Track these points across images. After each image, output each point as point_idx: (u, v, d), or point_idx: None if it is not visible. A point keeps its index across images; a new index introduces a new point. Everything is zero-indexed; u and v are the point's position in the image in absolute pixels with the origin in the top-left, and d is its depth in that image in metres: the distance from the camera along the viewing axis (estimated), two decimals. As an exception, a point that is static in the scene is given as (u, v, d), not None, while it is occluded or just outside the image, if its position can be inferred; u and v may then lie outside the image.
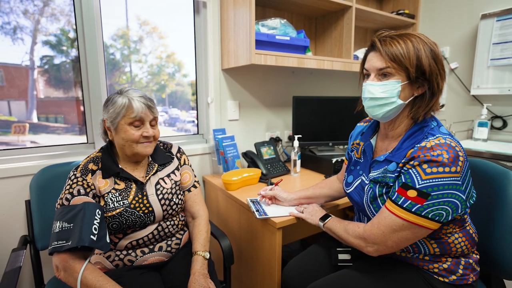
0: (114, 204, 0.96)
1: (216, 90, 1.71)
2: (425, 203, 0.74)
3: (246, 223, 1.31)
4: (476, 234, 0.92)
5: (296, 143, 1.65)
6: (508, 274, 0.94)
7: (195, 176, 1.21)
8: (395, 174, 0.82)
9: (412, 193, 0.76)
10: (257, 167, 1.59)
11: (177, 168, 1.15)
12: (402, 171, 0.80)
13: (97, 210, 0.89)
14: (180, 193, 1.12)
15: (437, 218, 0.75)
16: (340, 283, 0.89)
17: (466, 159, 0.78)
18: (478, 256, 0.91)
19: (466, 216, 0.88)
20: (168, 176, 1.11)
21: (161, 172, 1.10)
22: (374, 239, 0.82)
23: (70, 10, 1.35)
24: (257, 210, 1.17)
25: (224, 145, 1.59)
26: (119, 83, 1.56)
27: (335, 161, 1.62)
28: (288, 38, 1.58)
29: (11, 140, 1.33)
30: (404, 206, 0.76)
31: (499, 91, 1.82)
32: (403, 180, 0.78)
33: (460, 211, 0.78)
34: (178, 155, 1.18)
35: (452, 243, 0.85)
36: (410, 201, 0.76)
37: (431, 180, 0.74)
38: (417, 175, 0.76)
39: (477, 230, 0.94)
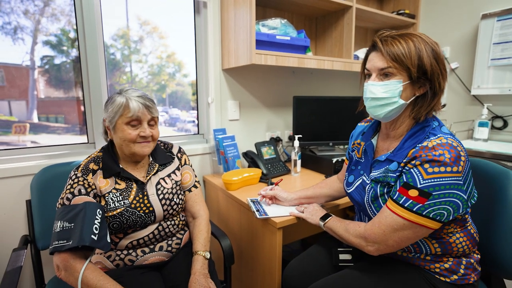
0: (115, 204, 0.96)
1: (217, 90, 1.71)
2: (426, 203, 0.74)
3: (247, 223, 1.31)
4: (477, 234, 0.92)
5: (297, 143, 1.65)
6: (509, 274, 0.94)
7: (196, 176, 1.21)
8: (397, 174, 0.82)
9: (414, 193, 0.75)
10: (258, 167, 1.59)
11: (178, 168, 1.15)
12: (404, 171, 0.80)
13: (98, 210, 0.89)
14: (181, 193, 1.12)
15: (438, 218, 0.75)
16: (341, 283, 0.88)
17: (468, 159, 0.78)
18: (479, 256, 0.91)
19: (467, 216, 0.87)
20: (169, 176, 1.11)
21: (162, 172, 1.10)
22: (375, 238, 0.82)
23: (71, 10, 1.35)
24: (258, 210, 1.17)
25: (225, 145, 1.59)
26: (120, 83, 1.56)
27: (336, 161, 1.63)
28: (289, 38, 1.58)
29: (12, 140, 1.33)
30: (405, 206, 0.76)
31: (500, 91, 1.82)
32: (405, 180, 0.78)
33: (461, 211, 0.78)
34: (179, 155, 1.18)
35: (454, 243, 0.85)
36: (412, 201, 0.76)
37: (433, 180, 0.74)
38: (419, 175, 0.76)
39: (478, 230, 0.94)
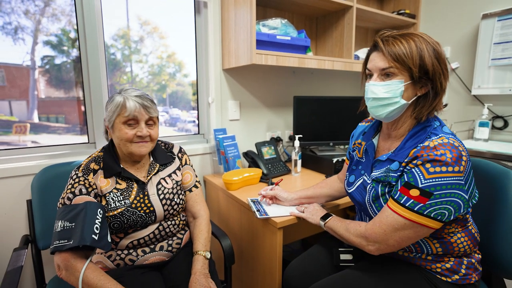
0: (116, 204, 0.96)
1: (217, 90, 1.71)
2: (428, 202, 0.74)
3: (247, 223, 1.31)
4: (478, 234, 0.91)
5: (297, 143, 1.65)
6: (509, 274, 0.94)
7: (196, 176, 1.21)
8: (398, 174, 0.82)
9: (415, 192, 0.75)
10: (258, 167, 1.59)
11: (179, 168, 1.15)
12: (405, 170, 0.80)
13: (99, 210, 0.89)
14: (181, 193, 1.12)
15: (440, 218, 0.75)
16: (342, 284, 0.88)
17: (469, 159, 0.78)
18: (480, 256, 0.91)
19: (468, 216, 0.87)
20: (170, 176, 1.11)
21: (163, 172, 1.10)
22: (376, 238, 0.82)
23: (71, 10, 1.36)
24: (258, 210, 1.17)
25: (225, 145, 1.60)
26: (120, 83, 1.56)
27: (336, 161, 1.63)
28: (289, 38, 1.58)
29: (12, 140, 1.33)
30: (407, 205, 0.76)
31: (500, 91, 1.82)
32: (406, 179, 0.78)
33: (462, 211, 0.77)
34: (180, 155, 1.18)
35: (455, 243, 0.85)
36: (413, 200, 0.76)
37: (434, 180, 0.74)
38: (420, 174, 0.75)
39: (478, 230, 0.94)
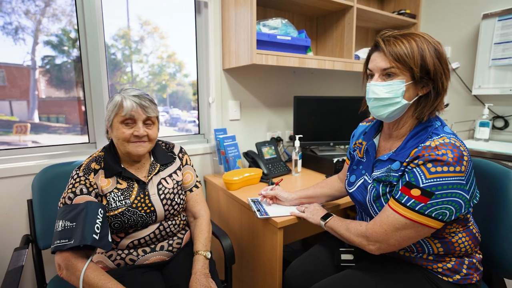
0: (116, 204, 0.96)
1: (217, 90, 1.71)
2: (429, 202, 0.74)
3: (247, 223, 1.31)
4: (479, 234, 0.91)
5: (297, 143, 1.65)
6: (510, 274, 0.94)
7: (197, 176, 1.21)
8: (399, 173, 0.82)
9: (416, 192, 0.75)
10: (258, 167, 1.59)
11: (179, 168, 1.15)
12: (406, 170, 0.80)
13: (100, 210, 0.89)
14: (182, 193, 1.12)
15: (441, 217, 0.75)
16: (343, 284, 0.88)
17: (470, 159, 0.78)
18: (481, 256, 0.91)
19: (469, 216, 0.87)
20: (170, 176, 1.11)
21: (163, 172, 1.10)
22: (377, 237, 0.82)
23: (72, 10, 1.36)
24: (258, 210, 1.17)
25: (225, 145, 1.60)
26: (120, 83, 1.56)
27: (336, 161, 1.63)
28: (289, 38, 1.58)
29: (13, 140, 1.33)
30: (408, 205, 0.76)
31: (501, 91, 1.82)
32: (407, 179, 0.78)
33: (464, 211, 0.77)
34: (180, 155, 1.18)
35: (456, 243, 0.85)
36: (414, 200, 0.76)
37: (435, 179, 0.74)
38: (421, 174, 0.75)
39: (479, 230, 0.94)
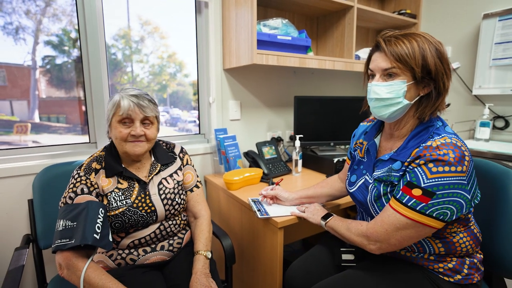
0: (117, 203, 0.96)
1: (218, 90, 1.71)
2: (430, 202, 0.74)
3: (248, 223, 1.31)
4: (480, 234, 0.91)
5: (298, 143, 1.65)
6: (511, 273, 0.94)
7: (198, 176, 1.21)
8: (400, 173, 0.82)
9: (417, 192, 0.75)
10: (259, 167, 1.59)
11: (180, 168, 1.15)
12: (407, 170, 0.80)
13: (100, 209, 0.89)
14: (183, 193, 1.12)
15: (442, 217, 0.75)
16: (344, 284, 0.88)
17: (472, 159, 0.78)
18: (482, 256, 0.91)
19: (470, 216, 0.87)
20: (171, 176, 1.11)
21: (164, 172, 1.10)
22: (377, 237, 0.82)
23: (72, 10, 1.36)
24: (259, 210, 1.17)
25: (226, 145, 1.60)
26: (121, 83, 1.56)
27: (337, 161, 1.63)
28: (290, 38, 1.58)
29: (13, 140, 1.33)
30: (409, 205, 0.76)
31: (501, 91, 1.82)
32: (408, 179, 0.78)
33: (465, 211, 0.77)
34: (181, 155, 1.18)
35: (457, 243, 0.84)
36: (415, 200, 0.75)
37: (437, 179, 0.73)
38: (423, 174, 0.75)
39: (480, 230, 0.94)
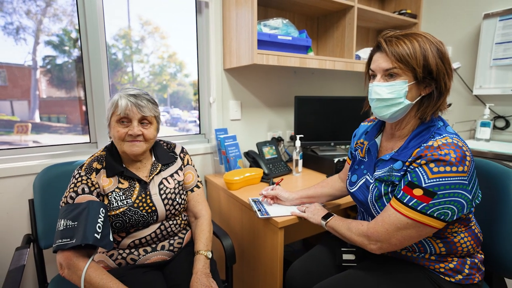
0: (118, 203, 0.96)
1: (218, 90, 1.71)
2: (431, 202, 0.74)
3: (248, 223, 1.31)
4: (481, 234, 0.91)
5: (298, 143, 1.65)
6: (511, 273, 0.94)
7: (198, 176, 1.21)
8: (401, 173, 0.82)
9: (418, 192, 0.75)
10: (259, 167, 1.59)
11: (181, 168, 1.15)
12: (408, 170, 0.80)
13: (101, 209, 0.90)
14: (183, 193, 1.12)
15: (443, 217, 0.75)
16: (345, 284, 0.88)
17: (473, 159, 0.78)
18: (483, 256, 0.91)
19: (471, 216, 0.87)
20: (172, 176, 1.11)
21: (165, 172, 1.10)
22: (378, 237, 0.82)
23: (73, 10, 1.36)
24: (259, 210, 1.17)
25: (226, 145, 1.60)
26: (121, 83, 1.56)
27: (337, 161, 1.62)
28: (290, 38, 1.58)
29: (14, 140, 1.33)
30: (410, 205, 0.76)
31: (502, 91, 1.82)
32: (409, 179, 0.78)
33: (466, 211, 0.77)
34: (182, 155, 1.18)
35: (458, 243, 0.84)
36: (416, 200, 0.75)
37: (438, 179, 0.73)
38: (424, 174, 0.75)
39: (481, 230, 0.94)
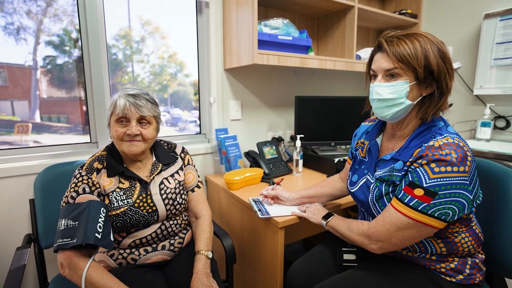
0: (119, 203, 0.96)
1: (219, 90, 1.71)
2: (432, 202, 0.74)
3: (249, 223, 1.31)
4: (482, 234, 0.91)
5: (298, 143, 1.65)
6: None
7: (199, 176, 1.21)
8: (402, 173, 0.82)
9: (419, 192, 0.75)
10: (259, 167, 1.59)
11: (181, 168, 1.15)
12: (409, 170, 0.80)
13: (102, 209, 0.90)
14: (184, 193, 1.12)
15: (443, 217, 0.75)
16: (346, 284, 0.88)
17: (474, 159, 0.78)
18: (484, 256, 0.91)
19: (472, 216, 0.87)
20: (172, 176, 1.11)
21: (165, 172, 1.10)
22: (379, 237, 0.82)
23: (73, 11, 1.36)
24: (260, 210, 1.17)
25: (227, 145, 1.60)
26: (121, 83, 1.56)
27: (337, 161, 1.62)
28: (291, 38, 1.58)
29: (14, 140, 1.33)
30: (411, 205, 0.76)
31: (502, 91, 1.82)
32: (410, 179, 0.78)
33: (467, 211, 0.77)
34: (182, 155, 1.18)
35: (459, 243, 0.84)
36: (417, 200, 0.75)
37: (439, 179, 0.73)
38: (425, 174, 0.75)
39: (481, 230, 0.94)
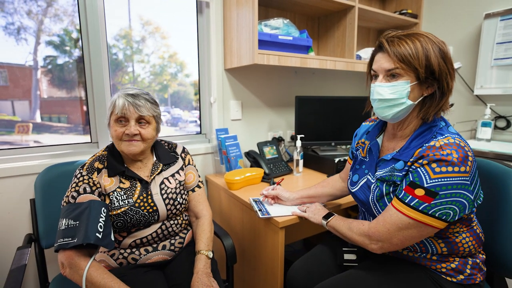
0: (119, 203, 0.96)
1: (219, 90, 1.71)
2: (433, 202, 0.74)
3: (249, 223, 1.31)
4: (483, 234, 0.91)
5: (299, 143, 1.65)
6: (513, 273, 0.94)
7: (199, 176, 1.21)
8: (403, 173, 0.82)
9: (420, 192, 0.75)
10: (260, 167, 1.59)
11: (182, 168, 1.15)
12: (410, 170, 0.80)
13: (103, 208, 0.90)
14: (184, 193, 1.12)
15: (444, 217, 0.75)
16: (346, 284, 0.88)
17: (475, 160, 0.77)
18: (485, 256, 0.91)
19: (473, 216, 0.87)
20: (173, 176, 1.11)
21: (166, 172, 1.10)
22: (379, 236, 0.82)
23: (73, 11, 1.36)
24: (260, 210, 1.17)
25: (227, 145, 1.60)
26: (122, 83, 1.56)
27: (338, 161, 1.62)
28: (291, 38, 1.58)
29: (15, 140, 1.33)
30: (411, 205, 0.76)
31: (503, 91, 1.82)
32: (411, 179, 0.78)
33: (467, 211, 0.77)
34: (183, 155, 1.18)
35: (460, 243, 0.84)
36: (418, 200, 0.75)
37: (440, 180, 0.73)
38: (426, 174, 0.75)
39: (482, 230, 0.93)
